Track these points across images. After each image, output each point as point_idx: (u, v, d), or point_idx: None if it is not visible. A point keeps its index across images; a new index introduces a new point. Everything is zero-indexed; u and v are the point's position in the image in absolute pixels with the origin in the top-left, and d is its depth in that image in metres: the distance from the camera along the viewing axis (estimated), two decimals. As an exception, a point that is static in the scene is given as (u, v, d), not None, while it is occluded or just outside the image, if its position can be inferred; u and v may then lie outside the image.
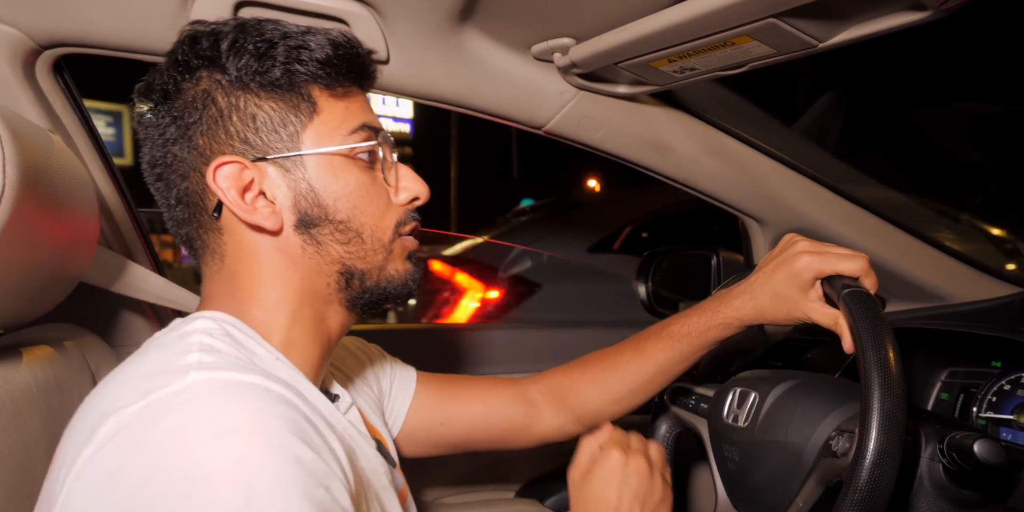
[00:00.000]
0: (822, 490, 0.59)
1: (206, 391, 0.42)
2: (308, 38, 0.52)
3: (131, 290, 0.82)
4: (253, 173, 0.51)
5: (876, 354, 0.52)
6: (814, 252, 0.66)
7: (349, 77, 0.54)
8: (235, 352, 0.48)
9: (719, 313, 0.73)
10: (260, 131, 0.51)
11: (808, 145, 1.70)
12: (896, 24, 0.63)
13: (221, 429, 0.40)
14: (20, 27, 0.71)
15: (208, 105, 0.51)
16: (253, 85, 0.51)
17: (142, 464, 0.39)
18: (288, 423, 0.42)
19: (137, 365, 0.47)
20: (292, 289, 0.54)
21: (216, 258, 0.54)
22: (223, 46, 0.51)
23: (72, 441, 0.44)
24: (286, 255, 0.53)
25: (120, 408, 0.42)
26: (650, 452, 0.65)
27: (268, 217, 0.51)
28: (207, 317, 0.51)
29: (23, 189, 0.50)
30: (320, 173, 0.52)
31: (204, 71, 0.51)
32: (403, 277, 0.57)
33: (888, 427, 0.49)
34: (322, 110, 0.53)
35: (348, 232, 0.53)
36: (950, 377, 0.87)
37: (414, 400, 0.79)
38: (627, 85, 0.88)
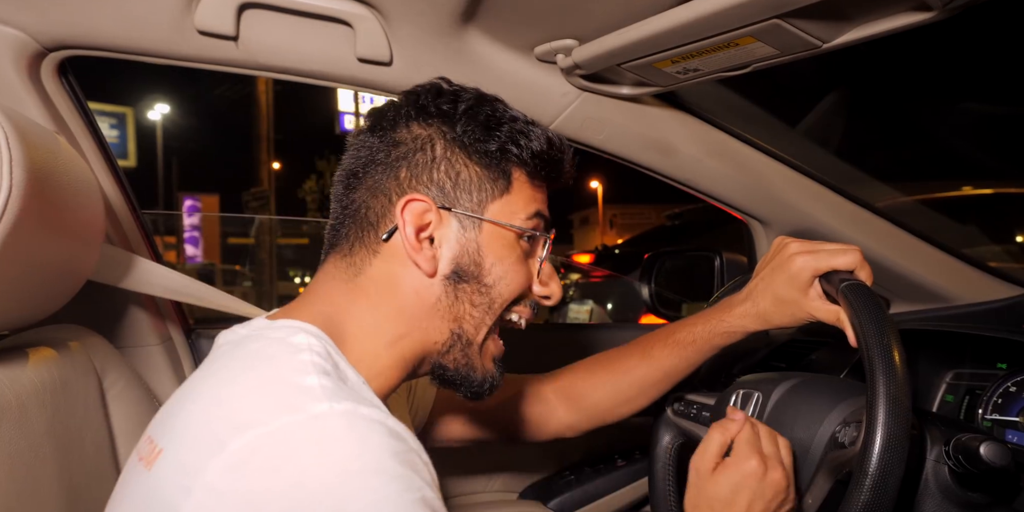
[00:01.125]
0: (831, 483, 0.59)
1: (338, 425, 0.43)
2: (531, 128, 0.58)
3: (139, 285, 0.82)
4: (433, 217, 0.55)
5: (879, 341, 0.53)
6: (807, 251, 0.68)
7: (549, 174, 0.60)
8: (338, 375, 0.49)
9: (723, 322, 0.75)
10: (458, 187, 0.56)
11: (811, 146, 1.70)
12: (901, 24, 0.63)
13: (362, 468, 0.42)
14: (25, 30, 0.72)
15: (426, 149, 0.56)
16: (471, 149, 0.56)
17: (285, 491, 0.40)
18: (409, 462, 0.44)
19: (250, 377, 0.48)
20: (404, 329, 0.56)
21: (352, 270, 0.57)
22: (460, 107, 0.57)
23: (190, 445, 0.45)
24: (420, 299, 0.56)
25: (251, 424, 0.43)
26: (783, 457, 0.61)
27: (428, 260, 0.55)
28: (308, 332, 0.52)
29: (29, 190, 0.51)
30: (489, 240, 0.57)
31: (435, 120, 0.57)
32: (485, 376, 0.60)
33: (895, 411, 0.49)
34: (514, 191, 0.58)
35: (486, 296, 0.57)
36: (955, 379, 0.87)
37: (437, 398, 0.81)
38: (630, 86, 0.88)
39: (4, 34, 0.71)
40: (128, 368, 0.78)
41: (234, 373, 0.49)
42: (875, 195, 1.15)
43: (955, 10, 0.60)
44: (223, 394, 0.47)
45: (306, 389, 0.45)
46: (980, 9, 0.61)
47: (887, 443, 0.49)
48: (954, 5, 0.59)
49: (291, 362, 0.48)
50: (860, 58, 2.77)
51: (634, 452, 1.24)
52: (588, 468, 1.21)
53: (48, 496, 0.57)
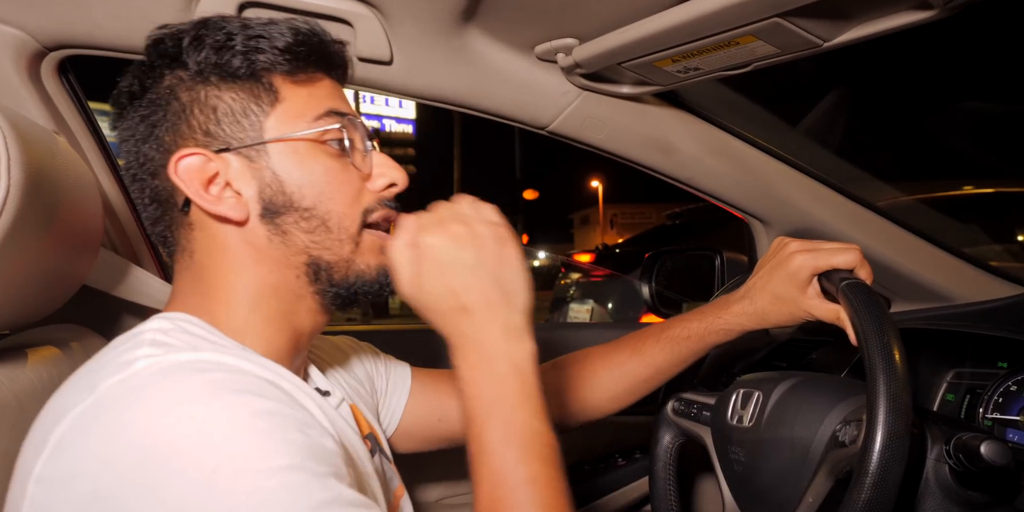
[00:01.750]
0: (832, 483, 0.58)
1: (153, 373, 0.42)
2: (270, 28, 0.51)
3: (134, 294, 0.82)
4: (218, 165, 0.50)
5: (878, 339, 0.53)
6: (807, 250, 0.67)
7: (313, 64, 0.54)
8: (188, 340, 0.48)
9: (719, 319, 0.74)
10: (222, 122, 0.51)
11: (812, 145, 1.70)
12: (902, 23, 0.63)
13: (176, 400, 0.40)
14: (25, 29, 0.72)
15: (171, 101, 0.51)
16: (213, 77, 0.51)
17: (101, 450, 0.38)
18: (245, 385, 0.42)
19: (84, 369, 0.47)
20: (259, 282, 0.53)
21: (186, 255, 0.54)
22: (184, 43, 0.51)
23: (26, 452, 0.43)
24: (253, 247, 0.52)
25: (69, 408, 0.42)
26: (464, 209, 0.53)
27: (233, 207, 0.51)
28: (163, 317, 0.51)
29: (28, 190, 0.51)
30: (284, 161, 0.51)
31: (167, 70, 0.52)
32: (375, 272, 0.55)
33: (896, 409, 0.49)
34: (284, 98, 0.52)
35: (313, 220, 0.52)
36: (956, 378, 0.87)
37: (410, 397, 0.78)
38: (631, 85, 0.88)
39: (4, 33, 0.71)
40: (128, 368, 0.78)
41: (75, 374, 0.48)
42: (876, 194, 1.15)
43: (955, 9, 0.60)
44: (56, 396, 0.46)
45: (126, 361, 0.43)
46: (980, 8, 0.61)
47: (887, 441, 0.48)
48: (954, 4, 0.59)
49: (126, 345, 0.47)
50: (861, 57, 2.77)
51: (634, 451, 1.24)
52: (588, 467, 1.21)
53: None
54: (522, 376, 0.48)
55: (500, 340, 0.49)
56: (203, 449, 0.38)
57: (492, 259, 0.50)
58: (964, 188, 3.41)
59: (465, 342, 0.50)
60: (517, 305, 0.50)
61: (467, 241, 0.50)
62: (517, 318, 0.50)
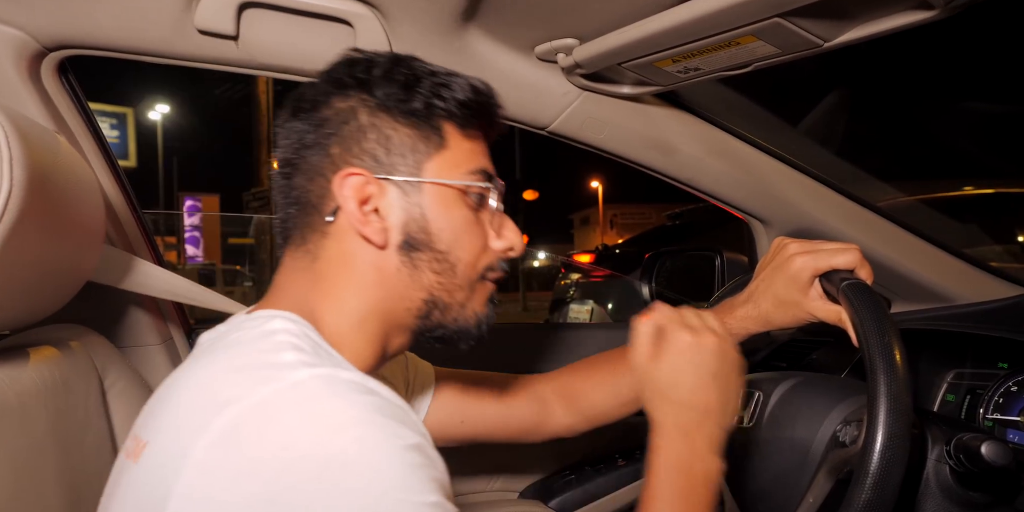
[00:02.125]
0: (832, 483, 0.58)
1: (320, 387, 0.44)
2: (452, 79, 0.56)
3: (138, 286, 0.82)
4: (374, 189, 0.54)
5: (879, 340, 0.53)
6: (807, 251, 0.68)
7: (480, 122, 0.58)
8: (318, 353, 0.50)
9: (724, 324, 0.74)
10: (391, 152, 0.54)
11: (813, 145, 1.70)
12: (902, 23, 0.63)
13: (347, 421, 0.42)
14: (25, 29, 0.72)
15: (350, 120, 0.55)
16: (395, 111, 0.55)
17: (276, 455, 0.40)
18: (397, 415, 0.44)
19: (226, 360, 0.48)
20: (373, 304, 0.55)
21: (308, 257, 0.56)
22: (375, 72, 0.55)
23: (174, 431, 0.45)
24: (380, 271, 0.55)
25: (233, 400, 0.43)
26: (713, 325, 0.60)
27: (377, 231, 0.54)
28: (283, 317, 0.52)
29: (30, 190, 0.51)
30: (433, 202, 0.55)
31: (354, 91, 0.55)
32: (478, 320, 0.59)
33: (896, 409, 0.49)
34: (449, 146, 0.56)
35: (444, 263, 0.56)
36: (956, 378, 0.87)
37: (434, 398, 0.80)
38: (631, 85, 0.88)
39: (4, 33, 0.71)
40: (129, 368, 0.78)
41: (212, 361, 0.49)
42: (876, 194, 1.15)
43: (956, 9, 0.60)
44: (202, 381, 0.47)
45: (283, 363, 0.46)
46: (981, 8, 0.61)
47: (888, 441, 0.49)
48: (955, 4, 0.59)
49: (266, 343, 0.48)
50: (861, 57, 2.77)
51: (635, 451, 1.24)
52: (589, 467, 1.21)
53: (49, 495, 0.57)
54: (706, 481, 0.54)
55: (705, 447, 0.55)
56: (373, 472, 0.40)
57: (726, 375, 0.57)
58: (964, 188, 3.41)
59: (677, 434, 0.56)
60: (724, 422, 0.57)
61: (717, 352, 0.57)
62: (720, 434, 0.56)
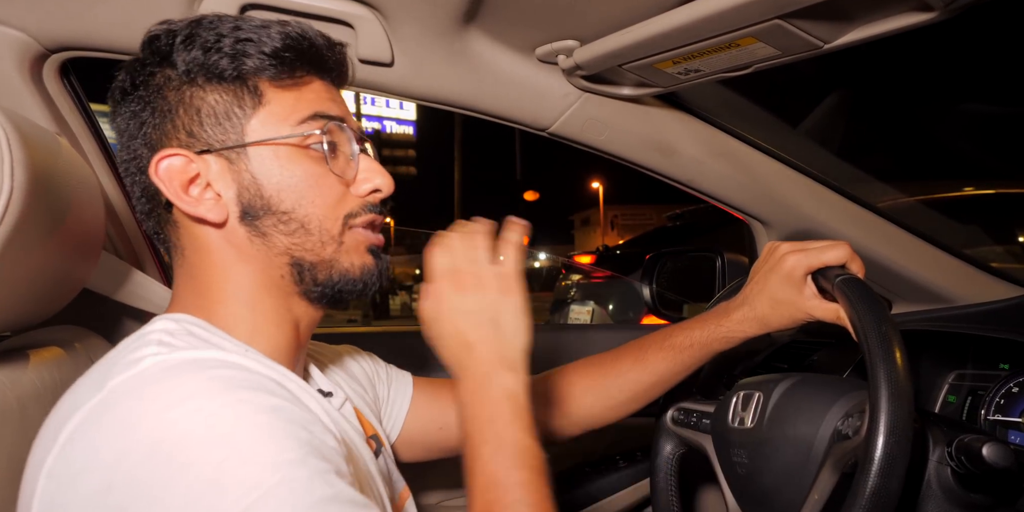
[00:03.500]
0: (837, 477, 0.58)
1: (161, 370, 0.43)
2: (260, 31, 0.51)
3: (135, 299, 0.82)
4: (199, 166, 0.51)
5: (876, 329, 0.54)
6: (797, 250, 0.68)
7: (302, 68, 0.54)
8: (194, 342, 0.48)
9: (721, 327, 0.74)
10: (204, 123, 0.51)
11: (813, 146, 1.69)
12: (902, 25, 0.63)
13: (184, 395, 0.40)
14: (27, 31, 0.72)
15: (158, 99, 0.52)
16: (200, 78, 0.51)
17: (110, 445, 0.39)
18: (251, 382, 0.43)
19: (93, 369, 0.48)
20: (248, 280, 0.54)
21: (179, 253, 0.55)
22: (176, 41, 0.51)
23: (39, 450, 0.44)
24: (235, 247, 0.53)
25: (79, 406, 0.42)
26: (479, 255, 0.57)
27: (211, 209, 0.51)
28: (168, 319, 0.52)
29: (31, 191, 0.51)
30: (264, 164, 0.52)
31: (158, 67, 0.52)
32: (359, 271, 0.56)
33: (897, 394, 0.50)
34: (269, 101, 0.52)
35: (292, 223, 0.53)
36: (957, 379, 0.87)
37: (412, 405, 0.79)
38: (631, 87, 0.88)
39: (6, 35, 0.71)
40: (129, 369, 0.78)
41: (83, 377, 0.48)
42: (877, 195, 1.15)
43: (956, 10, 0.60)
44: (65, 398, 0.47)
45: (134, 359, 0.44)
46: (981, 9, 0.61)
47: (892, 426, 0.48)
48: (955, 5, 0.59)
49: (133, 345, 0.47)
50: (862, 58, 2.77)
51: (635, 453, 1.24)
52: (589, 469, 1.21)
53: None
54: (514, 399, 0.53)
55: (495, 370, 0.54)
56: (209, 443, 0.39)
57: (492, 305, 0.56)
58: (965, 189, 3.41)
59: (464, 372, 0.55)
60: (513, 343, 0.56)
61: (471, 289, 0.56)
62: (512, 353, 0.56)
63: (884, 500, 0.48)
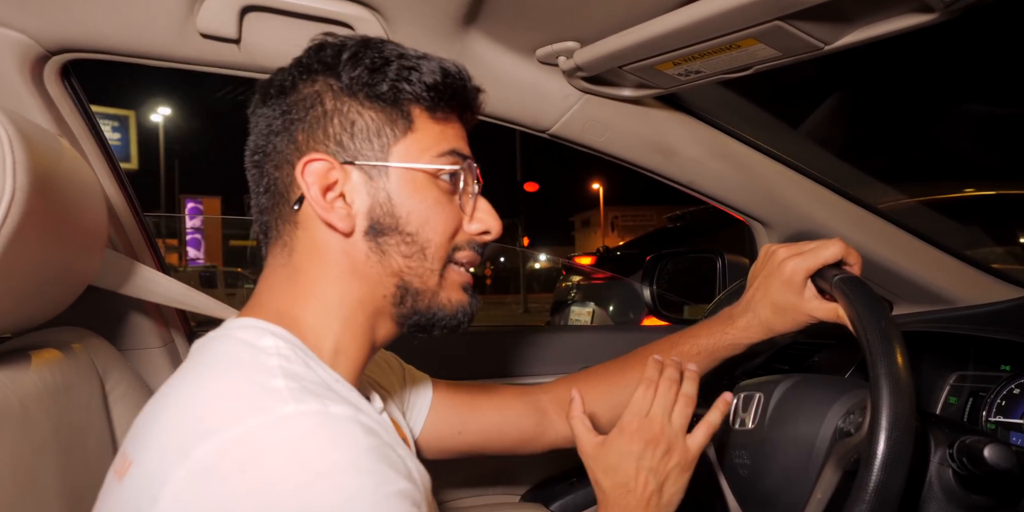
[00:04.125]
0: (840, 475, 0.58)
1: (307, 425, 0.43)
2: (422, 62, 0.55)
3: (140, 292, 0.82)
4: (339, 174, 0.53)
5: (876, 326, 0.54)
6: (795, 254, 0.69)
7: (451, 104, 0.57)
8: (312, 377, 0.49)
9: (726, 334, 0.75)
10: (355, 137, 0.54)
11: (813, 147, 1.69)
12: (903, 26, 0.63)
13: (332, 466, 0.41)
14: (28, 33, 0.72)
15: (316, 105, 0.54)
16: (360, 95, 0.54)
17: (252, 494, 0.40)
18: (383, 457, 0.44)
19: (217, 382, 0.48)
20: (351, 293, 0.55)
21: (286, 251, 0.56)
22: (344, 56, 0.54)
23: (157, 454, 0.44)
24: (351, 259, 0.55)
25: (215, 430, 0.42)
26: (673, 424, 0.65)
27: (343, 218, 0.53)
28: (274, 335, 0.52)
29: (33, 193, 0.51)
30: (401, 186, 0.54)
31: (321, 75, 0.55)
32: (455, 308, 0.58)
33: (898, 389, 0.50)
34: (417, 129, 0.55)
35: (413, 245, 0.55)
36: (958, 381, 0.86)
37: (431, 409, 0.80)
38: (632, 88, 0.88)
39: (7, 37, 0.72)
40: (130, 371, 0.78)
41: (202, 379, 0.49)
42: (877, 196, 1.15)
43: (957, 12, 0.60)
44: (190, 401, 0.47)
45: (272, 391, 0.45)
46: (982, 11, 0.61)
47: (895, 420, 0.48)
48: (956, 7, 0.59)
49: (258, 366, 0.48)
50: (862, 59, 2.77)
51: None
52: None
53: (51, 498, 0.57)
54: None
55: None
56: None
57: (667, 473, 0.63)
58: (965, 190, 3.40)
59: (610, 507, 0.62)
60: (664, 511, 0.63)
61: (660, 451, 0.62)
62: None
63: (888, 495, 0.47)
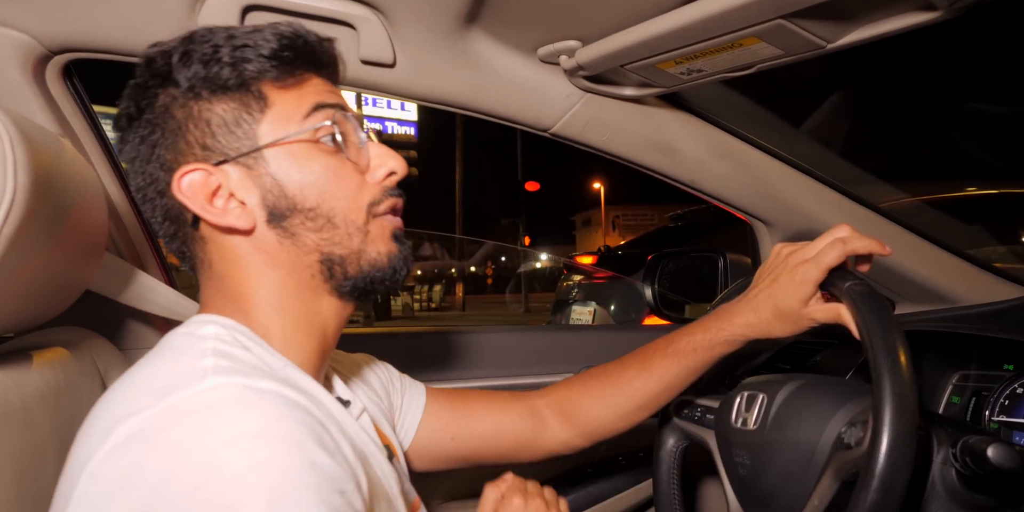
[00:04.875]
0: (838, 485, 0.58)
1: (224, 396, 0.43)
2: (254, 35, 0.52)
3: (138, 301, 0.82)
4: (219, 177, 0.52)
5: (883, 340, 0.53)
6: (807, 260, 0.67)
7: (300, 66, 0.54)
8: (249, 359, 0.49)
9: (723, 330, 0.74)
10: (216, 135, 0.52)
11: (816, 146, 1.69)
12: (906, 24, 0.63)
13: (242, 433, 0.41)
14: (30, 32, 0.72)
15: (167, 120, 0.52)
16: (204, 92, 0.52)
17: (163, 465, 0.39)
18: (305, 428, 0.43)
19: (150, 369, 0.48)
20: (279, 284, 0.54)
21: (205, 266, 0.55)
22: (173, 60, 0.51)
23: (86, 442, 0.44)
24: (266, 252, 0.54)
25: (137, 410, 0.42)
26: (545, 494, 0.70)
27: (239, 217, 0.52)
28: (217, 323, 0.52)
29: (34, 193, 0.51)
30: (281, 165, 0.52)
31: (160, 88, 0.52)
32: (387, 259, 0.56)
33: (902, 409, 0.49)
34: (274, 103, 0.53)
35: (319, 219, 0.53)
36: (961, 380, 0.86)
37: (425, 415, 0.79)
38: (633, 87, 0.88)
39: (9, 37, 0.72)
40: (132, 370, 0.78)
41: (139, 369, 0.49)
42: (879, 195, 1.15)
43: (960, 10, 0.60)
44: (121, 391, 0.47)
45: (198, 369, 0.44)
46: (986, 9, 0.61)
47: (894, 443, 0.48)
48: (959, 5, 0.59)
49: (191, 350, 0.48)
50: (865, 58, 2.76)
51: (637, 454, 1.24)
52: (592, 469, 1.21)
53: (52, 497, 0.57)
54: None
55: None
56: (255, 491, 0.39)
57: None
58: (968, 189, 3.39)
59: None
60: None
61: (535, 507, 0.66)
62: None
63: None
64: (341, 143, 0.54)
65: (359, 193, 0.55)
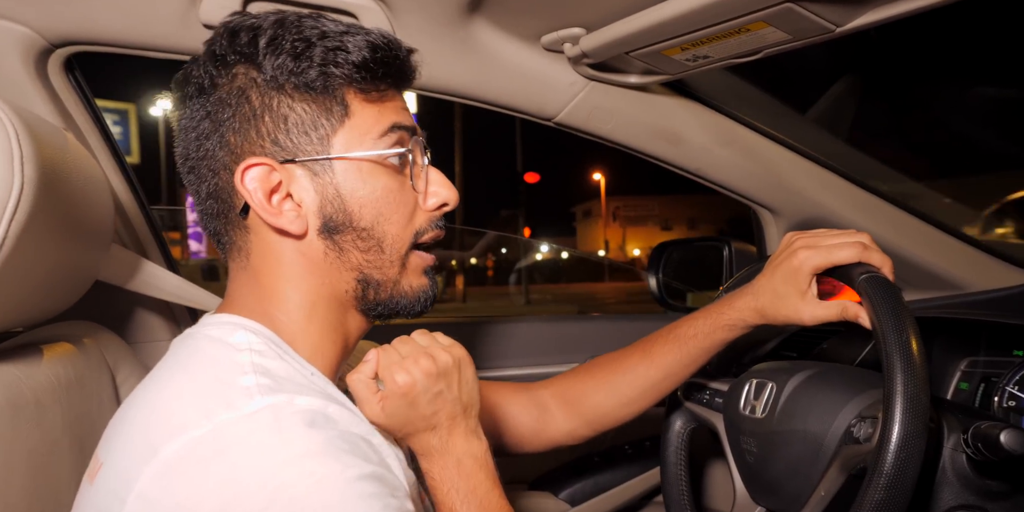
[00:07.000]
0: (844, 477, 0.58)
1: (274, 418, 0.43)
2: (346, 39, 0.51)
3: (146, 288, 0.82)
4: (281, 175, 0.51)
5: (897, 337, 0.52)
6: (810, 247, 0.65)
7: (386, 81, 0.54)
8: (285, 372, 0.49)
9: (723, 315, 0.73)
10: (291, 133, 0.51)
11: (822, 133, 1.67)
12: (916, 6, 0.62)
13: (297, 454, 0.41)
14: (32, 26, 0.72)
15: (242, 103, 0.51)
16: (288, 86, 0.51)
17: (219, 492, 0.40)
18: (352, 446, 0.44)
19: (184, 377, 0.48)
20: (313, 293, 0.54)
21: (242, 255, 0.55)
22: (261, 43, 0.50)
23: (126, 454, 0.44)
24: (308, 259, 0.53)
25: (182, 428, 0.42)
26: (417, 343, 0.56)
27: (293, 221, 0.52)
28: (247, 328, 0.51)
29: (40, 187, 0.51)
30: (348, 178, 0.52)
31: (241, 67, 0.51)
32: (416, 294, 0.57)
33: (913, 410, 0.49)
34: (354, 114, 0.52)
35: (370, 240, 0.54)
36: (970, 366, 0.86)
37: None
38: (638, 75, 0.87)
39: (11, 30, 0.71)
40: (140, 364, 0.79)
41: (172, 379, 0.48)
42: (886, 182, 1.14)
43: (972, -10, 0.58)
44: (159, 400, 0.47)
45: (242, 389, 0.45)
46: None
47: (903, 442, 0.48)
48: (971, -15, 0.57)
49: (228, 363, 0.48)
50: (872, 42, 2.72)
51: (644, 442, 1.24)
52: (598, 458, 1.22)
53: (66, 491, 0.57)
54: (485, 466, 0.55)
55: (463, 444, 0.55)
56: (318, 506, 0.40)
57: (455, 383, 0.55)
58: (979, 175, 3.36)
59: (433, 452, 0.55)
60: (472, 413, 0.57)
61: (435, 374, 0.53)
62: (472, 422, 0.56)
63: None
64: (410, 167, 0.55)
65: (410, 220, 0.55)
